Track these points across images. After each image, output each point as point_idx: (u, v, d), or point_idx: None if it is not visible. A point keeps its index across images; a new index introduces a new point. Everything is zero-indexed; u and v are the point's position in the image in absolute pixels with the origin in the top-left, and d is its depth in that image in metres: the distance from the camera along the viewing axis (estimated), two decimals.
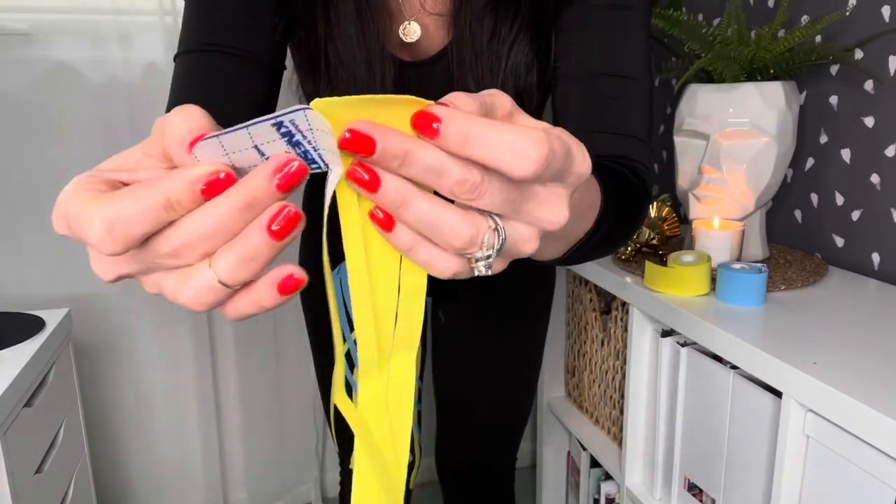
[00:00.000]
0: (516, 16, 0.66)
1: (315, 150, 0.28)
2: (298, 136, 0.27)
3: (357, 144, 0.27)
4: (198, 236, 0.27)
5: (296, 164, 0.27)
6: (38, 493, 1.03)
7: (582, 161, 0.30)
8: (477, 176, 0.28)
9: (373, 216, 0.30)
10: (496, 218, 0.30)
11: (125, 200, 0.26)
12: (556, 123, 0.65)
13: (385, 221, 0.30)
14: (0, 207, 1.39)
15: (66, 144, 1.40)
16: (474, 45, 0.67)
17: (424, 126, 0.27)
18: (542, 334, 1.02)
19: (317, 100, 0.27)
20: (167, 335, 1.56)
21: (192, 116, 0.28)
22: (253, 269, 0.27)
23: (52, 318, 1.21)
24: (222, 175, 0.26)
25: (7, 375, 0.97)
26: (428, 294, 1.00)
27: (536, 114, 0.70)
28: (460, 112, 0.28)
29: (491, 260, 0.31)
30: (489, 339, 0.98)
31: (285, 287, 0.29)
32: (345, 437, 1.00)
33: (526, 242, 0.31)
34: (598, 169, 0.49)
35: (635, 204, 0.58)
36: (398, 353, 0.36)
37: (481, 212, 0.30)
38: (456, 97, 0.29)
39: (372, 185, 0.28)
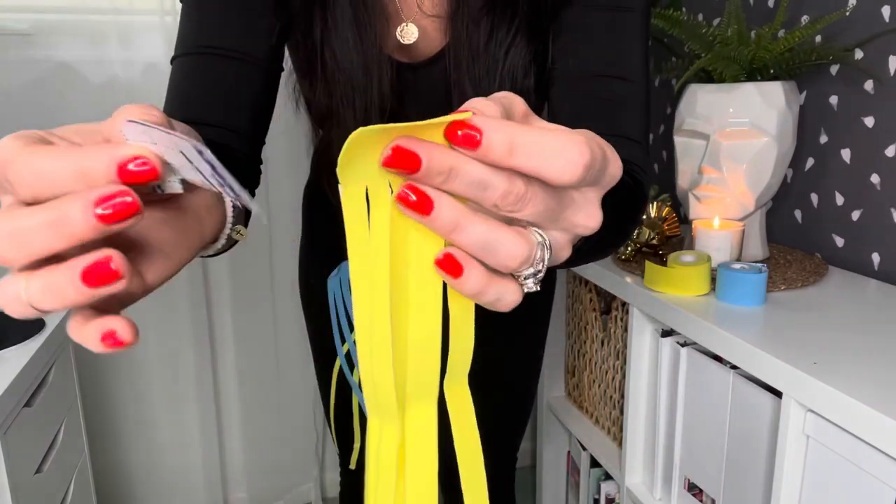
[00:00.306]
0: (513, 18, 0.66)
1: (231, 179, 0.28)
2: (218, 167, 0.27)
3: (401, 161, 0.25)
4: (4, 234, 0.25)
5: (129, 198, 0.24)
6: (38, 493, 1.03)
7: (615, 162, 0.30)
8: (521, 187, 0.27)
9: (442, 262, 0.28)
10: (539, 230, 0.29)
11: (47, 155, 0.25)
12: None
13: (450, 264, 0.28)
14: None
15: None
16: (471, 47, 0.67)
17: (466, 138, 0.26)
18: (542, 334, 1.02)
19: (360, 129, 0.25)
20: (167, 335, 1.56)
21: (149, 109, 0.28)
22: (58, 304, 0.25)
23: (52, 318, 1.21)
24: (146, 166, 0.25)
25: (7, 375, 0.97)
26: None
27: None
28: (499, 120, 0.26)
29: (541, 275, 0.30)
30: (488, 339, 0.98)
31: (106, 338, 0.27)
32: (344, 438, 1.00)
33: (562, 250, 0.31)
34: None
35: (631, 207, 0.58)
36: (422, 398, 0.33)
37: (524, 224, 0.29)
38: (479, 103, 0.28)
39: (424, 206, 0.26)
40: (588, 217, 0.30)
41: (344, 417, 0.97)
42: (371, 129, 0.25)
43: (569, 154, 0.26)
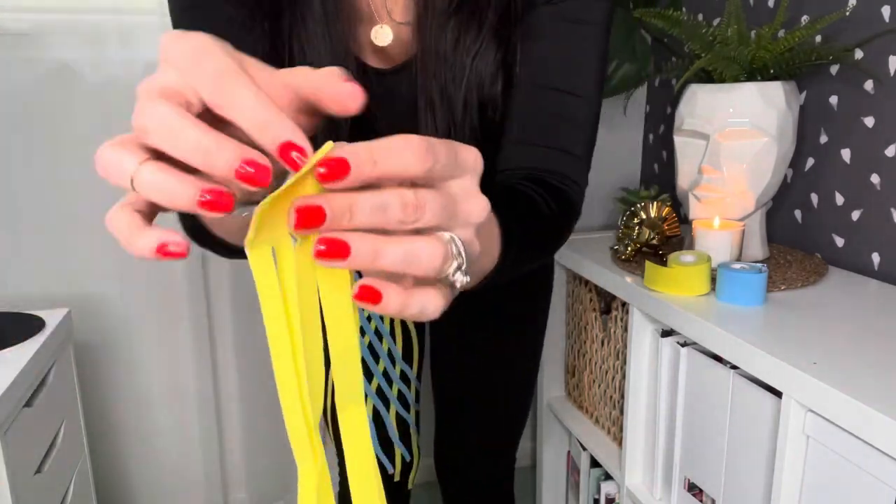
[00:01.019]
0: (480, 26, 0.66)
1: None
2: None
3: (308, 218, 0.27)
4: (165, 126, 0.28)
5: (252, 170, 0.28)
6: (38, 493, 1.03)
7: (465, 150, 0.32)
8: (411, 195, 0.29)
9: (359, 295, 0.30)
10: (442, 231, 0.31)
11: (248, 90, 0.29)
12: (506, 129, 0.68)
13: (368, 293, 0.30)
14: (0, 207, 1.39)
15: (66, 144, 1.40)
16: (437, 53, 0.66)
17: (336, 166, 0.28)
18: (540, 334, 1.02)
19: (259, 206, 0.28)
20: (167, 335, 1.56)
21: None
22: (161, 199, 0.29)
23: (52, 318, 1.21)
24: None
25: (7, 375, 0.97)
26: None
27: (500, 125, 0.70)
28: (351, 144, 0.28)
29: (464, 266, 0.32)
30: (487, 339, 0.98)
31: (162, 249, 0.30)
32: (340, 438, 1.00)
33: (472, 244, 0.33)
34: (503, 203, 0.52)
35: (555, 223, 0.61)
36: (346, 408, 0.36)
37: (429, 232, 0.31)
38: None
39: (341, 251, 0.28)
40: (476, 204, 0.32)
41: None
42: (263, 203, 0.28)
43: (412, 146, 0.29)
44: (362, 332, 0.90)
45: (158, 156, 0.29)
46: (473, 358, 0.99)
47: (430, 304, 0.32)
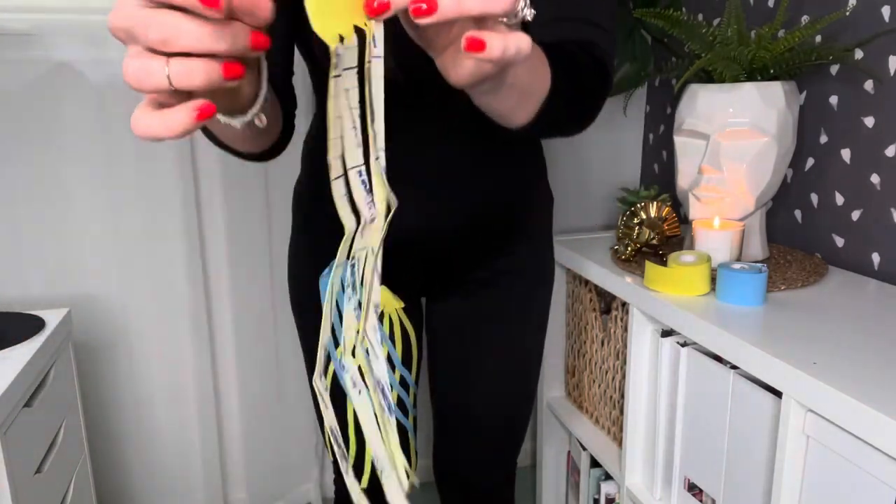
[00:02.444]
0: None
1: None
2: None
3: None
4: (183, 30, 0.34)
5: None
6: (38, 493, 1.03)
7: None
8: None
9: (468, 45, 0.36)
10: None
11: None
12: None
13: (474, 43, 0.36)
14: (0, 207, 1.39)
15: (66, 144, 1.40)
16: None
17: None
18: (540, 334, 1.01)
19: None
20: (167, 335, 1.56)
21: None
22: (194, 82, 0.34)
23: (52, 318, 1.21)
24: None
25: (7, 375, 0.97)
26: (422, 294, 0.98)
27: None
28: None
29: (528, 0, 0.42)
30: (486, 340, 0.97)
31: (197, 109, 0.35)
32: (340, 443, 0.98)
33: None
34: (551, 48, 0.59)
35: (593, 77, 0.65)
36: None
37: None
38: None
39: (431, 5, 0.34)
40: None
41: (339, 424, 0.95)
42: None
43: None
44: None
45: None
46: (470, 360, 0.98)
47: (522, 41, 0.37)
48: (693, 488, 1.02)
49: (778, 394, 0.79)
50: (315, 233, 0.92)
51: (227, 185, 1.50)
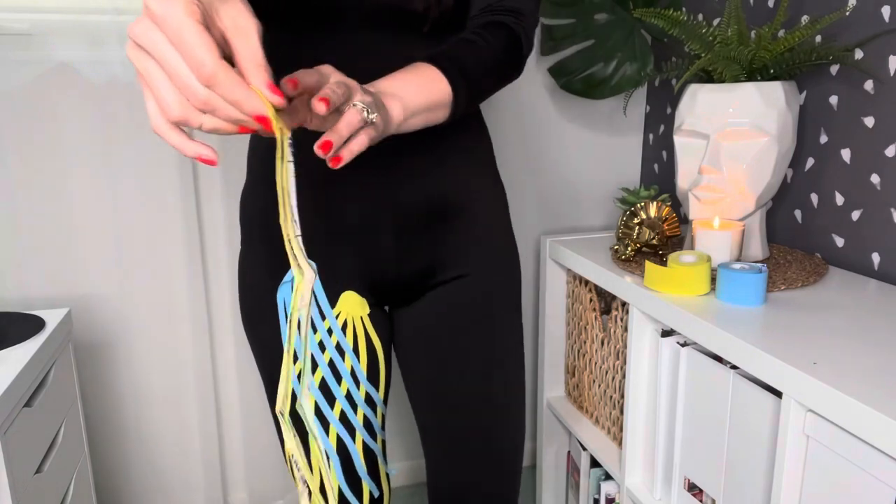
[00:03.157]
0: None
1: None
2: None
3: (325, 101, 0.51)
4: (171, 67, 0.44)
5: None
6: (38, 493, 1.03)
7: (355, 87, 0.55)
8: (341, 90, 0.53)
9: (321, 147, 0.52)
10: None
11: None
12: None
13: (326, 146, 0.52)
14: (0, 207, 1.39)
15: (66, 144, 1.40)
16: None
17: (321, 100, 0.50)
18: (517, 329, 0.89)
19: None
20: (167, 335, 1.56)
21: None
22: (219, 128, 0.47)
23: (52, 318, 1.21)
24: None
25: (7, 375, 0.97)
26: (385, 302, 0.89)
27: None
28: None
29: (373, 112, 0.55)
30: (457, 346, 0.85)
31: (201, 158, 0.48)
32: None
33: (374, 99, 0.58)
34: (442, 51, 0.70)
35: (488, 57, 0.73)
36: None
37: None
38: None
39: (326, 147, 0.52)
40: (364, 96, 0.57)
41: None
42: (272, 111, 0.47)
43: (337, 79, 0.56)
44: (322, 347, 0.76)
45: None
46: (446, 370, 0.86)
47: (361, 138, 0.54)
48: (693, 488, 1.02)
49: (778, 394, 0.79)
50: (268, 242, 0.83)
51: (227, 185, 1.51)
